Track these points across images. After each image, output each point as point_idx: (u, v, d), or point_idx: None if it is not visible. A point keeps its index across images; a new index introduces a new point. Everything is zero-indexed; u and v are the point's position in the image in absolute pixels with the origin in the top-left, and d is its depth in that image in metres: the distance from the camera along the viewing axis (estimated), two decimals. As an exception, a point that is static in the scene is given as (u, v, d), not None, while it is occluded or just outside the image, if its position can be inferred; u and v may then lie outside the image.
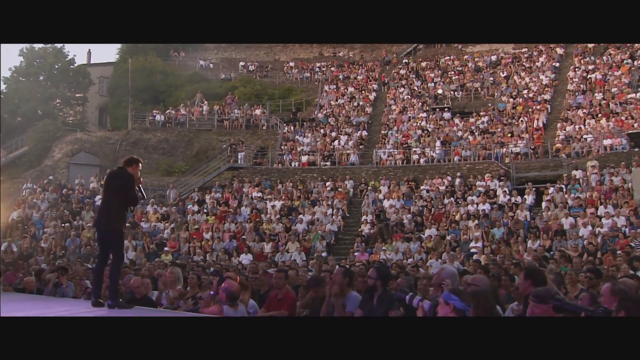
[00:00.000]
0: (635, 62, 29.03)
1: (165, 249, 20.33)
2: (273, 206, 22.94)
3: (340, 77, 36.85)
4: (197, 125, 32.01)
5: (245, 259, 18.52)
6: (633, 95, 26.19)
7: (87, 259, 16.97)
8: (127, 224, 21.65)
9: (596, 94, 27.39)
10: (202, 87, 35.28)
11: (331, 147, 28.24)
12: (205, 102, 33.24)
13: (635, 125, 23.12)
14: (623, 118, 24.43)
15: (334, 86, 35.60)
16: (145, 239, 20.86)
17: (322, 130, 29.82)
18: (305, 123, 31.22)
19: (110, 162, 29.88)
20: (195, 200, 24.33)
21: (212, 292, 6.89)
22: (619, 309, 3.93)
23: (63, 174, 29.00)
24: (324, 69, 38.63)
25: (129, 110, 33.14)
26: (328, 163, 27.05)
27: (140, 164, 7.24)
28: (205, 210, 23.40)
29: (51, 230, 21.41)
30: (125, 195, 6.93)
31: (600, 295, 5.21)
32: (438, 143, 26.43)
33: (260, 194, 24.32)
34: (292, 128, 30.71)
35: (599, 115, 25.47)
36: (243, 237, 20.76)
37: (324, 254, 18.85)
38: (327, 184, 24.68)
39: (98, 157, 30.27)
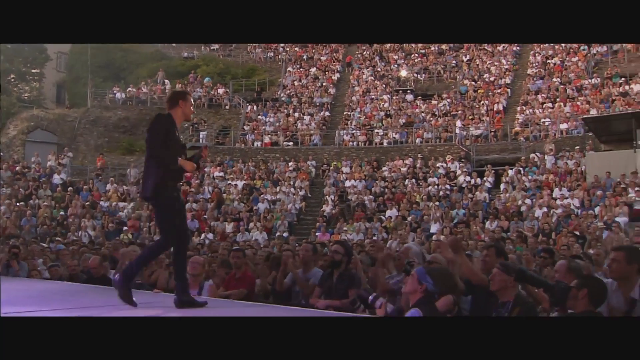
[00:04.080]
0: (592, 49, 29.67)
1: (125, 228, 20.08)
2: (235, 186, 22.85)
3: (304, 57, 36.69)
4: (158, 104, 31.44)
5: (207, 238, 18.45)
6: (588, 80, 26.82)
7: (43, 238, 16.65)
8: (87, 203, 21.32)
9: (554, 79, 27.94)
10: (164, 65, 34.67)
11: (294, 127, 28.19)
12: (167, 80, 32.72)
13: (591, 110, 23.71)
14: (579, 103, 25.02)
15: (298, 66, 35.44)
16: (105, 218, 20.57)
17: (285, 111, 29.73)
18: (268, 103, 31.06)
19: (69, 139, 29.29)
20: (157, 179, 24.01)
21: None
22: (580, 286, 4.05)
23: (18, 152, 28.28)
24: (287, 49, 38.38)
25: (88, 88, 32.40)
26: (291, 143, 27.02)
27: (188, 98, 5.20)
28: (166, 190, 23.12)
29: (5, 208, 20.90)
30: (150, 146, 4.99)
31: (555, 271, 5.38)
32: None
33: (222, 174, 24.19)
34: (255, 108, 30.53)
35: (557, 99, 26.04)
36: (204, 216, 20.65)
37: (285, 234, 18.91)
38: (290, 164, 24.69)
39: (56, 135, 29.59)
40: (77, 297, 5.32)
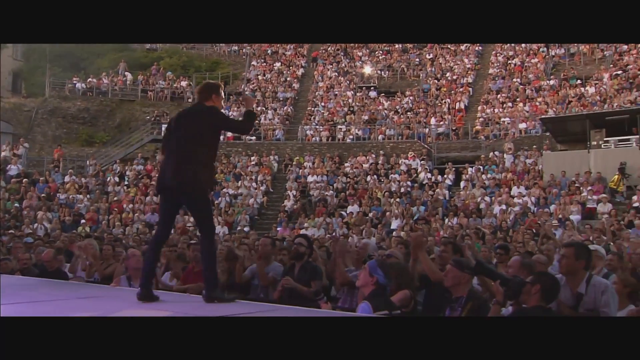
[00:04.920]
0: (550, 51, 30.36)
1: (83, 221, 19.70)
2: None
3: (269, 51, 36.54)
4: (119, 95, 30.97)
5: (167, 232, 18.19)
6: (547, 82, 27.45)
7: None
8: (44, 195, 20.82)
9: (514, 79, 28.48)
10: (126, 56, 34.09)
11: (257, 121, 28.07)
12: (129, 72, 32.19)
13: (549, 111, 24.26)
14: (537, 104, 25.58)
15: (262, 61, 35.29)
16: (62, 210, 20.12)
17: (248, 105, 29.54)
18: (231, 97, 30.83)
19: (25, 130, 28.56)
20: (117, 172, 23.65)
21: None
22: (534, 281, 4.16)
23: (-29, 142, 27.44)
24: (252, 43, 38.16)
25: (46, 77, 31.61)
26: (253, 138, 26.91)
27: (220, 93, 4.97)
28: (126, 183, 22.81)
29: (-42, 200, 20.30)
30: (227, 125, 5.15)
31: (509, 267, 5.50)
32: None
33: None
34: (218, 101, 30.25)
35: (517, 99, 26.56)
36: (165, 210, 20.35)
37: (246, 229, 18.84)
38: (252, 158, 24.60)
39: (11, 125, 28.78)
40: (28, 291, 5.20)
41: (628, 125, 18.40)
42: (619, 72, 25.79)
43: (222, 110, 5.18)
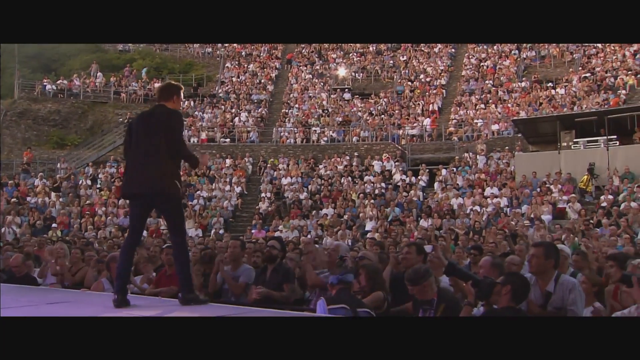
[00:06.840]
0: (522, 54, 30.80)
1: (54, 225, 19.37)
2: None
3: (243, 53, 36.42)
4: (92, 97, 30.57)
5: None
6: (518, 84, 27.84)
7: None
8: (14, 199, 20.44)
9: (487, 81, 28.81)
10: (98, 58, 33.68)
11: (231, 124, 27.97)
12: (101, 73, 31.79)
13: (520, 112, 24.59)
14: (509, 105, 25.92)
15: (236, 62, 35.16)
16: (32, 214, 19.77)
17: (222, 107, 29.44)
18: (205, 99, 30.66)
19: (-6, 132, 28.03)
20: (89, 174, 23.33)
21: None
22: (505, 282, 4.21)
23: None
24: (226, 45, 37.97)
25: (15, 78, 31.05)
26: (227, 140, 26.79)
27: (181, 94, 4.96)
28: (98, 186, 22.51)
29: None
30: (177, 147, 4.67)
31: (480, 267, 5.55)
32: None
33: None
34: (191, 103, 30.07)
35: (489, 101, 26.88)
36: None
37: (220, 231, 18.73)
38: (226, 161, 24.48)
39: (-22, 127, 28.23)
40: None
41: (596, 126, 18.74)
42: (587, 74, 26.27)
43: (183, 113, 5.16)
